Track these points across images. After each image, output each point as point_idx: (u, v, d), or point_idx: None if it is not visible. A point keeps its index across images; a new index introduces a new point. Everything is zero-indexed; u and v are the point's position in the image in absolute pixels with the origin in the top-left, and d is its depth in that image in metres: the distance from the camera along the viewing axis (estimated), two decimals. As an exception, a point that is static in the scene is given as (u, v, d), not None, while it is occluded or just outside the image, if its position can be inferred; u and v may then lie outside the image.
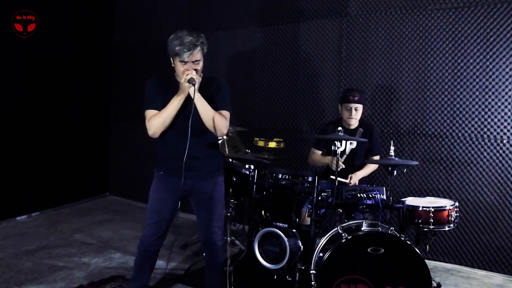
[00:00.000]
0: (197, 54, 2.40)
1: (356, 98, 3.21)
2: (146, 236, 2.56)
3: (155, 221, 2.54)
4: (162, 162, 2.58)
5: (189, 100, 2.38)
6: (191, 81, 2.32)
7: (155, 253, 2.63)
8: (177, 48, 2.34)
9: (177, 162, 2.43)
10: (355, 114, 3.25)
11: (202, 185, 2.56)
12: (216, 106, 2.48)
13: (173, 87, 2.42)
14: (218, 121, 2.44)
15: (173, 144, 2.50)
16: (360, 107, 3.26)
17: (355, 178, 3.21)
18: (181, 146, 2.38)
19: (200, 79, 2.39)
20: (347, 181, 3.18)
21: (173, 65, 2.47)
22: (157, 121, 2.41)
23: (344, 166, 3.16)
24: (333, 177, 2.76)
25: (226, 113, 2.52)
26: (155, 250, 2.60)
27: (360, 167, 3.33)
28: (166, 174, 2.55)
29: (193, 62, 2.39)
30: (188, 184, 2.51)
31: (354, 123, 3.31)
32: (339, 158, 2.90)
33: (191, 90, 2.33)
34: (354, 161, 3.33)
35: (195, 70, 2.38)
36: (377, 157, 3.36)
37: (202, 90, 2.43)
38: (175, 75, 2.48)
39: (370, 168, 3.33)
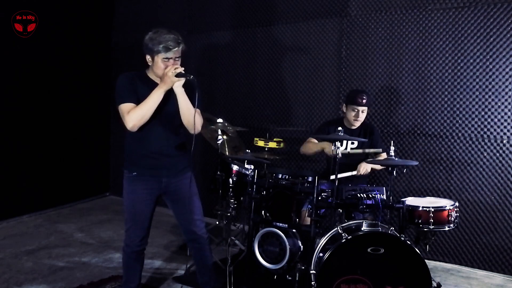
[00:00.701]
0: (179, 51, 2.43)
1: (364, 100, 3.19)
2: (131, 238, 2.56)
3: (136, 223, 2.55)
4: (133, 161, 2.52)
5: (166, 93, 2.38)
6: (180, 75, 2.32)
7: (142, 252, 2.63)
8: (161, 45, 2.35)
9: (151, 160, 2.46)
10: (361, 116, 3.24)
11: (177, 181, 2.56)
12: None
13: (146, 82, 2.44)
14: (197, 117, 2.43)
15: (146, 141, 2.47)
16: (366, 109, 3.26)
17: (366, 165, 3.15)
18: (155, 143, 2.42)
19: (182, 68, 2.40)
20: (356, 172, 3.15)
21: (148, 63, 2.46)
22: (137, 113, 2.35)
23: (341, 155, 3.04)
24: (333, 177, 2.75)
25: (199, 111, 2.51)
26: (142, 249, 2.62)
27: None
28: (140, 174, 2.51)
29: (176, 59, 2.42)
30: (163, 182, 2.53)
31: (358, 124, 3.31)
32: (339, 151, 2.87)
33: (178, 84, 2.35)
34: (354, 161, 3.32)
35: (177, 67, 2.39)
36: (384, 154, 3.34)
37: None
38: (147, 71, 2.50)
39: (380, 157, 3.27)
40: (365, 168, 3.17)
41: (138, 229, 2.55)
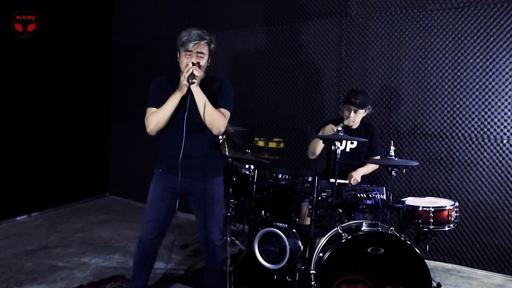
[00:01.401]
0: (203, 47, 2.44)
1: (357, 101, 3.17)
2: (145, 234, 2.57)
3: (153, 219, 2.55)
4: (161, 159, 2.59)
5: (188, 97, 2.40)
6: (190, 78, 2.33)
7: (154, 252, 2.63)
8: (184, 38, 2.40)
9: (175, 160, 2.45)
10: (354, 116, 3.22)
11: (200, 185, 2.55)
12: (216, 105, 2.48)
13: (176, 84, 2.44)
14: (215, 116, 2.43)
15: (171, 141, 2.50)
16: (361, 111, 3.24)
17: (356, 175, 3.19)
18: (179, 143, 2.40)
19: (202, 74, 2.41)
20: (347, 181, 3.17)
21: (178, 60, 2.49)
22: (154, 118, 2.44)
23: (337, 129, 3.03)
24: (333, 180, 2.75)
25: (225, 112, 2.51)
26: (154, 248, 2.61)
27: (359, 167, 3.32)
28: (165, 171, 2.55)
29: (197, 54, 2.42)
30: (185, 183, 2.51)
31: (353, 125, 3.31)
32: (339, 128, 2.86)
33: (192, 84, 2.35)
34: (354, 161, 3.33)
35: (198, 63, 2.40)
36: (378, 158, 3.36)
37: (203, 88, 2.44)
38: (180, 73, 2.50)
39: (371, 167, 3.32)
40: (355, 179, 3.18)
41: (152, 226, 2.55)
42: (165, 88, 2.49)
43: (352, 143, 3.32)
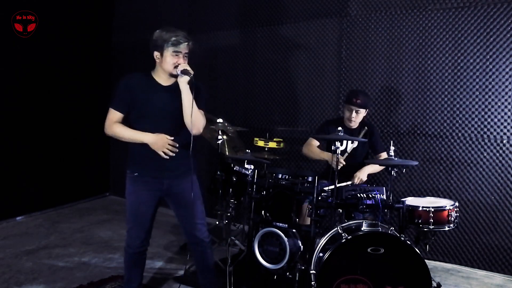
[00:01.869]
0: (188, 48, 2.45)
1: (358, 101, 3.18)
2: (132, 239, 2.56)
3: (137, 224, 2.55)
4: (136, 162, 2.53)
5: (169, 94, 2.41)
6: (184, 72, 2.35)
7: (144, 253, 2.64)
8: (173, 38, 2.38)
9: (153, 162, 2.45)
10: (355, 116, 3.24)
11: (180, 184, 2.55)
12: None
13: (149, 86, 2.44)
14: (199, 116, 2.45)
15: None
16: (362, 111, 3.25)
17: (360, 174, 3.16)
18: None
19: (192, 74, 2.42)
20: (351, 182, 3.16)
21: (156, 60, 2.45)
22: (116, 132, 2.46)
23: (344, 163, 3.13)
24: (334, 179, 2.75)
25: (203, 112, 2.53)
26: (142, 251, 2.61)
27: (360, 167, 3.32)
28: (141, 175, 2.51)
29: (184, 54, 2.43)
30: (165, 184, 2.52)
31: (353, 125, 3.31)
32: (340, 156, 2.88)
33: (183, 80, 2.36)
34: (355, 161, 3.33)
35: (184, 63, 2.41)
36: (384, 154, 3.33)
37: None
38: (153, 72, 2.50)
39: (377, 166, 3.29)
40: (359, 178, 3.17)
41: (139, 230, 2.55)
42: (134, 89, 2.45)
43: (353, 143, 3.31)
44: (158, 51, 2.42)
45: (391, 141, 2.88)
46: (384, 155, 3.33)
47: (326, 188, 2.87)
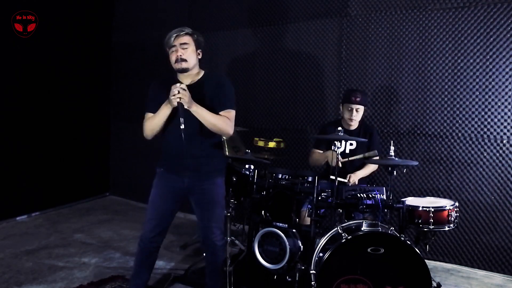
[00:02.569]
0: (184, 37, 2.47)
1: (358, 99, 3.20)
2: (146, 232, 2.58)
3: (153, 217, 2.57)
4: (162, 159, 2.61)
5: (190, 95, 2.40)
6: (180, 105, 2.33)
7: (155, 251, 2.64)
8: (167, 38, 2.47)
9: (176, 160, 2.48)
10: (356, 115, 3.25)
11: (201, 185, 2.55)
12: (218, 106, 2.48)
13: (171, 86, 2.43)
14: (221, 125, 2.45)
15: (172, 141, 2.51)
16: (361, 108, 3.25)
17: (354, 177, 3.19)
18: (179, 144, 2.41)
19: (192, 63, 2.47)
20: (346, 180, 3.18)
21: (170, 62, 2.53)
22: (147, 126, 2.51)
23: (340, 165, 3.13)
24: (333, 177, 2.76)
25: (230, 113, 2.51)
26: (154, 247, 2.62)
27: (359, 168, 3.33)
28: (166, 171, 2.57)
29: (181, 45, 2.45)
30: (186, 183, 2.53)
31: (354, 124, 3.31)
32: (340, 158, 2.89)
33: (188, 105, 2.35)
34: (354, 162, 3.33)
35: (182, 54, 2.44)
36: (377, 158, 3.35)
37: (201, 89, 2.46)
38: (176, 76, 2.54)
39: (370, 168, 3.32)
40: (354, 180, 3.18)
41: (153, 224, 2.56)
42: (159, 92, 2.50)
43: (351, 144, 3.31)
44: (168, 53, 2.53)
45: (391, 141, 2.88)
46: (377, 159, 3.34)
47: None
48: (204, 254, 2.73)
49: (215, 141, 2.59)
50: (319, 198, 2.74)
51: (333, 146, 2.76)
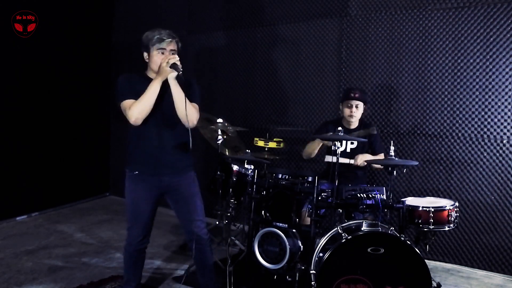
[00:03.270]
0: (174, 45, 2.49)
1: (357, 95, 3.21)
2: (132, 237, 2.58)
3: (138, 223, 2.56)
4: (135, 160, 2.54)
5: (163, 90, 2.40)
6: (173, 66, 2.34)
7: (143, 251, 2.66)
8: (156, 37, 2.44)
9: (151, 158, 2.47)
10: (356, 111, 3.24)
11: (179, 181, 2.57)
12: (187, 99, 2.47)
13: (145, 81, 2.45)
14: (190, 109, 2.43)
15: (146, 138, 2.48)
16: (360, 104, 3.25)
17: (362, 157, 3.16)
18: (154, 139, 2.44)
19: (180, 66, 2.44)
20: (353, 161, 3.16)
21: (146, 60, 2.53)
22: (137, 107, 2.37)
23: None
24: (340, 161, 2.72)
25: (196, 106, 2.54)
26: (142, 248, 2.63)
27: (360, 167, 3.32)
28: (141, 173, 2.53)
29: (170, 51, 2.46)
30: (164, 181, 2.53)
31: (354, 121, 3.30)
32: (340, 158, 2.89)
33: (172, 75, 2.36)
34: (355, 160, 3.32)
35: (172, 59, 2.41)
36: (381, 155, 3.34)
37: None
38: (146, 72, 2.54)
39: (379, 156, 3.29)
40: (362, 160, 3.16)
41: (140, 228, 2.56)
42: (135, 83, 2.47)
43: (352, 143, 3.31)
44: (146, 51, 2.51)
45: (391, 141, 2.88)
46: (381, 156, 3.34)
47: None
48: (191, 253, 2.68)
49: (185, 136, 2.50)
50: (319, 198, 2.74)
51: (333, 146, 2.76)
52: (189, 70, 4.75)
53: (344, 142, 3.29)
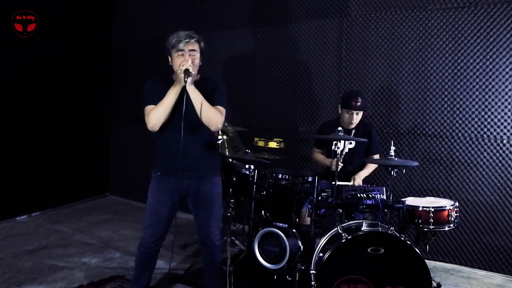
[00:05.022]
0: (194, 45, 2.47)
1: (358, 103, 3.16)
2: (146, 237, 2.57)
3: (153, 223, 2.55)
4: (158, 162, 2.58)
5: (184, 95, 2.39)
6: (186, 72, 2.34)
7: (155, 254, 2.63)
8: (174, 40, 2.44)
9: (173, 162, 2.44)
10: (356, 118, 3.23)
11: (199, 185, 2.55)
12: (211, 103, 2.48)
13: (169, 86, 2.44)
14: (212, 113, 2.43)
15: (168, 142, 2.49)
16: (361, 112, 3.25)
17: (358, 179, 3.19)
18: (176, 143, 2.40)
19: (196, 70, 2.44)
20: (350, 183, 3.17)
21: (170, 64, 2.51)
22: (154, 113, 2.41)
23: (341, 165, 3.15)
24: (334, 180, 2.75)
25: (221, 109, 2.52)
26: (155, 251, 2.61)
27: (360, 166, 3.33)
28: (163, 174, 2.54)
29: (189, 52, 2.44)
30: (185, 184, 2.52)
31: (353, 126, 3.31)
32: (340, 165, 2.90)
33: (188, 81, 2.35)
34: (354, 161, 3.33)
35: (192, 62, 2.42)
36: (377, 156, 3.36)
37: (198, 89, 2.45)
38: (173, 75, 2.52)
39: (371, 167, 3.32)
40: (358, 182, 3.19)
41: (154, 230, 2.55)
42: (159, 87, 2.49)
43: (350, 143, 3.31)
44: (169, 55, 2.50)
45: (391, 141, 2.88)
46: (377, 157, 3.34)
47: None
48: (202, 255, 2.71)
49: (210, 139, 2.58)
50: (319, 198, 2.74)
51: (333, 146, 2.76)
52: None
53: (342, 142, 3.28)
